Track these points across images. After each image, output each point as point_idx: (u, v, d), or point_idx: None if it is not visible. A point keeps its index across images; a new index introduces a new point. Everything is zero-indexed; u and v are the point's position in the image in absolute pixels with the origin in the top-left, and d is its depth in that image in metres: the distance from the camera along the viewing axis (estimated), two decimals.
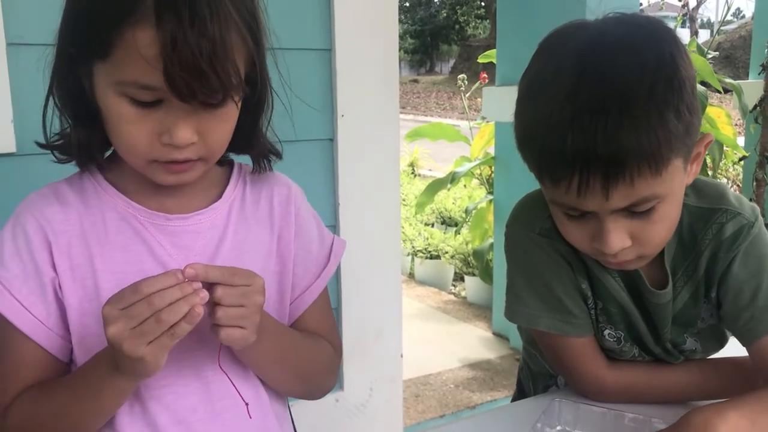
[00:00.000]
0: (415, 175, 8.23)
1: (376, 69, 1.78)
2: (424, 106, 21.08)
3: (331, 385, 1.02)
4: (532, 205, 1.02)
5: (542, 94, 0.82)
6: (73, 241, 0.84)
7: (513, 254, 1.04)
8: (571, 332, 1.00)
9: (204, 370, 0.87)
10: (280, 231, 0.94)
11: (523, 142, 0.85)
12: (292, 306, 0.96)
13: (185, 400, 0.86)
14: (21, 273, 0.82)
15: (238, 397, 0.88)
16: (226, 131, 0.82)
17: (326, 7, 1.71)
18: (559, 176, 0.80)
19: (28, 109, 1.37)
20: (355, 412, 1.88)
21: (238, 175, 0.95)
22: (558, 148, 0.78)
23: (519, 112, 0.87)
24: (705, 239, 0.96)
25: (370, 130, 1.80)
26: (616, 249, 0.84)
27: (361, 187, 1.80)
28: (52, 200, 0.85)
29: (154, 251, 0.85)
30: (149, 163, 0.80)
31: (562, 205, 0.85)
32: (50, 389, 0.83)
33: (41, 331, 0.83)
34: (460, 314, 3.81)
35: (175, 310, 0.71)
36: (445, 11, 35.58)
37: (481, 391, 2.85)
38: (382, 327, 1.89)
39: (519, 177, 3.15)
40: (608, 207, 0.81)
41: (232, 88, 0.75)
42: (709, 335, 1.04)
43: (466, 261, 4.17)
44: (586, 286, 1.01)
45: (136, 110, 0.76)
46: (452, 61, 32.84)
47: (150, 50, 0.71)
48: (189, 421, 0.86)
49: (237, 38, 0.75)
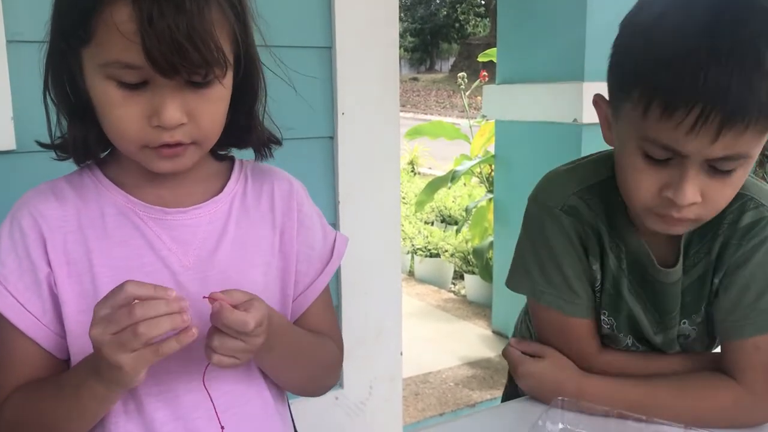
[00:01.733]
0: (414, 173, 8.23)
1: (376, 67, 1.78)
2: (424, 105, 21.08)
3: (334, 382, 1.02)
4: (559, 182, 1.03)
5: (677, 26, 0.80)
6: (69, 236, 0.83)
7: (529, 226, 1.05)
8: (571, 312, 1.00)
9: (202, 368, 0.86)
10: (283, 227, 0.94)
11: (642, 70, 0.82)
12: (294, 303, 0.96)
13: (186, 396, 0.86)
14: (17, 269, 0.82)
15: (240, 394, 0.88)
16: (218, 113, 0.81)
17: (327, 5, 1.70)
18: (678, 107, 0.78)
19: (29, 106, 1.36)
20: (355, 411, 1.88)
21: (240, 170, 0.94)
22: (691, 79, 0.77)
23: (642, 39, 0.84)
24: (723, 223, 0.95)
25: (371, 128, 1.80)
26: (689, 200, 0.83)
27: (361, 185, 1.80)
28: (49, 196, 0.85)
29: (153, 245, 0.85)
30: (141, 149, 0.79)
31: (654, 143, 0.83)
32: (40, 388, 0.82)
33: (37, 327, 0.82)
34: (459, 312, 3.81)
35: (155, 325, 0.69)
36: (445, 9, 35.55)
37: (480, 390, 2.85)
38: (382, 325, 1.89)
39: (519, 175, 3.16)
40: (706, 153, 0.80)
41: (214, 63, 0.75)
42: (705, 328, 1.03)
43: (465, 259, 4.17)
44: (597, 268, 1.01)
45: (124, 93, 0.76)
46: (452, 59, 32.83)
47: (128, 26, 0.71)
48: (189, 417, 0.86)
49: (218, 13, 0.76)
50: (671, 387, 0.95)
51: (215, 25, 0.74)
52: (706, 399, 0.94)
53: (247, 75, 0.85)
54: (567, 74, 2.69)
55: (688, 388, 0.95)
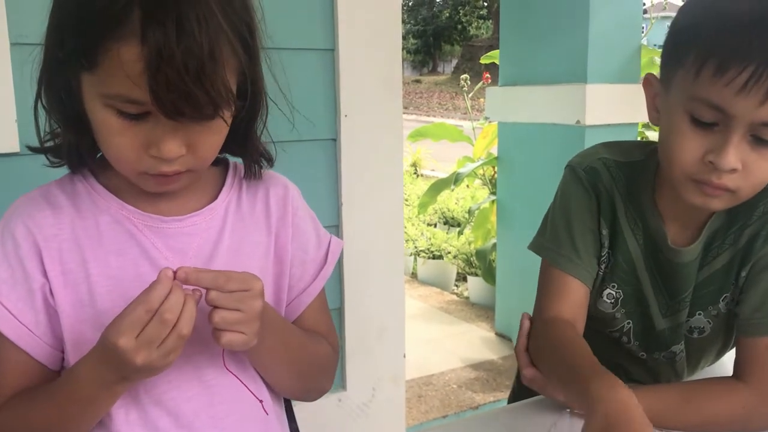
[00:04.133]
0: (417, 175, 8.23)
1: (379, 69, 1.78)
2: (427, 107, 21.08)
3: (328, 387, 1.01)
4: (591, 150, 1.07)
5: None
6: (64, 245, 0.82)
7: (559, 187, 1.08)
8: (566, 268, 1.01)
9: (206, 373, 0.86)
10: (277, 231, 0.93)
11: (699, 32, 0.84)
12: (289, 307, 0.96)
13: (187, 404, 0.85)
14: (9, 279, 0.81)
15: (241, 400, 0.88)
16: (217, 142, 0.80)
17: (329, 8, 1.71)
18: (731, 66, 0.79)
19: (32, 108, 1.37)
20: (357, 412, 1.88)
21: (233, 175, 0.94)
22: (746, 39, 0.79)
23: (701, 4, 0.87)
24: (754, 213, 0.96)
25: (373, 130, 1.80)
26: (731, 165, 0.84)
27: (364, 187, 1.80)
28: (43, 204, 0.83)
29: (149, 254, 0.84)
30: (138, 174, 0.79)
31: (704, 102, 0.84)
32: (36, 399, 0.81)
33: (29, 338, 0.81)
34: (462, 314, 3.81)
35: (187, 317, 0.72)
36: (448, 11, 35.56)
37: (483, 392, 2.85)
38: (385, 327, 1.89)
39: (522, 177, 3.16)
40: (753, 116, 0.81)
41: (222, 104, 0.73)
42: (722, 324, 1.03)
43: (468, 261, 4.17)
44: (606, 233, 1.02)
45: (124, 122, 0.74)
46: (454, 61, 32.83)
47: (135, 67, 0.68)
48: (193, 426, 0.85)
49: (227, 50, 0.73)
50: (679, 393, 0.94)
51: (225, 65, 0.72)
52: (715, 405, 0.92)
53: (251, 100, 0.83)
54: (570, 76, 2.69)
55: (697, 394, 0.93)
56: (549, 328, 0.98)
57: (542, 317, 1.01)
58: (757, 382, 0.92)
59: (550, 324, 0.99)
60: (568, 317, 1.00)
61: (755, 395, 0.92)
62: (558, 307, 1.00)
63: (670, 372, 1.10)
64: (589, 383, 0.79)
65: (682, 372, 1.10)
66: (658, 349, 1.06)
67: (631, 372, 1.12)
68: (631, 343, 1.07)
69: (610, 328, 1.06)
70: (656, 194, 1.00)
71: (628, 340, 1.06)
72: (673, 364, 1.08)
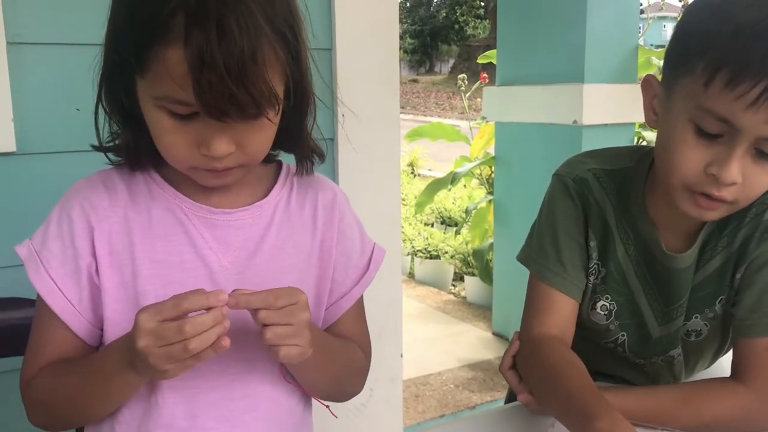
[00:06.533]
0: (414, 174, 8.23)
1: (376, 69, 1.78)
2: (424, 106, 21.10)
3: (359, 390, 1.02)
4: (580, 158, 1.05)
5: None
6: (114, 227, 0.86)
7: (545, 197, 1.07)
8: (553, 282, 1.00)
9: (229, 367, 0.87)
10: (323, 236, 0.95)
11: (711, 41, 0.82)
12: (328, 311, 0.97)
13: (206, 395, 0.87)
14: (60, 255, 0.85)
15: (259, 399, 0.89)
16: (266, 139, 0.83)
17: (326, 7, 1.71)
18: (744, 80, 0.78)
19: (29, 108, 1.37)
20: (355, 412, 1.88)
21: (285, 176, 0.96)
22: (762, 53, 0.77)
23: (714, 10, 0.84)
24: (747, 215, 0.96)
25: (371, 129, 1.80)
26: (733, 178, 0.83)
27: (361, 186, 1.80)
28: (100, 187, 0.88)
29: (194, 242, 0.87)
30: (191, 168, 0.82)
31: (711, 114, 0.82)
32: (68, 370, 0.85)
33: (71, 313, 0.85)
34: (459, 314, 3.81)
35: (203, 339, 0.72)
36: (445, 11, 35.58)
37: (480, 392, 2.85)
38: (382, 327, 1.89)
39: (519, 177, 3.16)
40: (760, 130, 0.80)
41: (266, 105, 0.75)
42: (719, 325, 1.03)
43: (465, 261, 4.17)
44: (594, 244, 1.01)
45: (175, 122, 0.77)
46: (452, 61, 32.85)
47: (179, 69, 0.71)
48: (204, 417, 0.86)
49: (269, 52, 0.74)
50: (677, 394, 0.94)
51: (267, 66, 0.74)
52: (713, 405, 0.92)
53: (299, 98, 0.85)
54: (567, 76, 2.69)
55: (695, 395, 0.93)
56: (538, 347, 0.97)
57: (530, 334, 1.00)
58: (755, 383, 0.92)
59: (539, 342, 0.98)
60: (556, 333, 0.99)
61: (753, 396, 0.92)
62: (546, 322, 1.00)
63: (667, 375, 1.09)
64: (593, 421, 0.78)
65: (679, 374, 1.10)
66: (655, 355, 1.06)
67: (628, 377, 1.11)
68: (626, 353, 1.06)
69: (604, 339, 1.05)
70: (647, 201, 0.99)
71: (623, 350, 1.06)
72: (671, 367, 1.08)
